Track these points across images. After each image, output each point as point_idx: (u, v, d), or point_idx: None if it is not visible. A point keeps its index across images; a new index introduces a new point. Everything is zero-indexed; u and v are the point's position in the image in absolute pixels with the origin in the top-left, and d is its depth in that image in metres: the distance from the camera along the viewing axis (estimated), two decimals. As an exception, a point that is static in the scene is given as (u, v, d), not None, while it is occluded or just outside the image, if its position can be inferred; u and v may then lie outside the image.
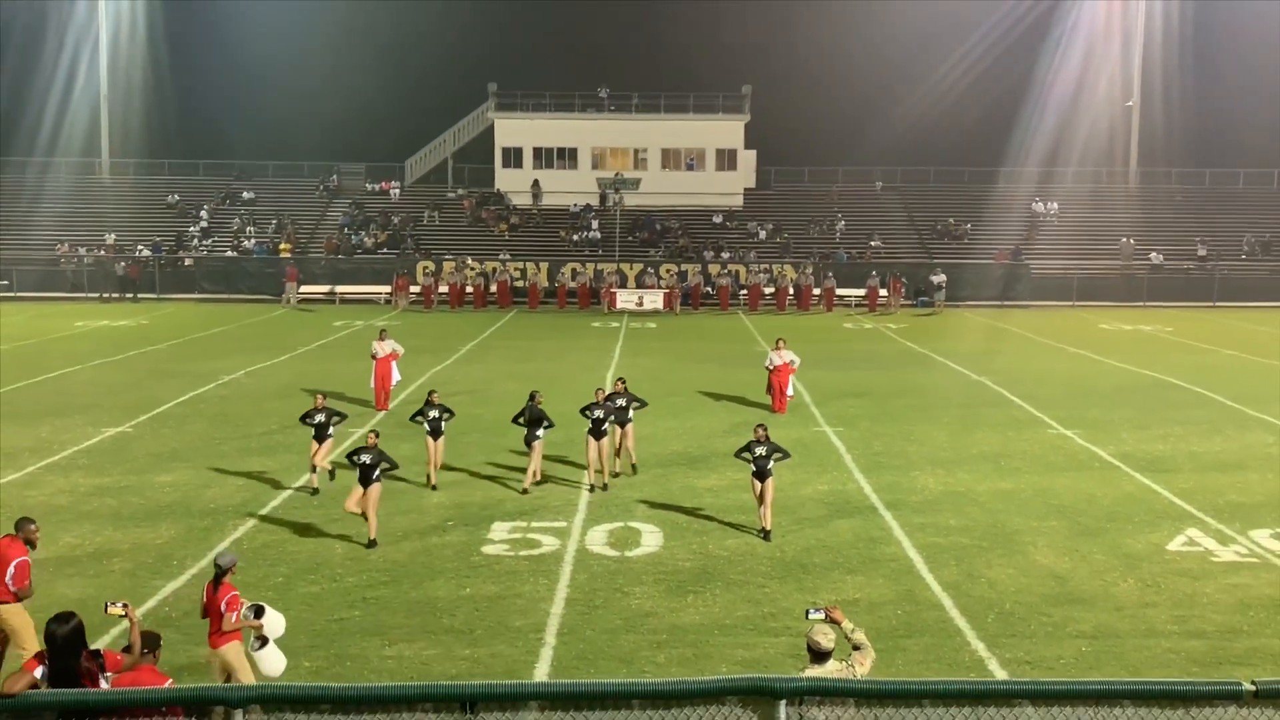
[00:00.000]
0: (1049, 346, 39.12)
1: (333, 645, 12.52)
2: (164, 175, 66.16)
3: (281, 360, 34.31)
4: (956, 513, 17.79)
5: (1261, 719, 6.23)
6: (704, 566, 15.19)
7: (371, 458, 15.93)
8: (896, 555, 15.71)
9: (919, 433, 23.84)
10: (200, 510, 17.75)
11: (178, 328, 42.88)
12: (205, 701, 6.37)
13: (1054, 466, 20.95)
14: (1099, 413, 26.06)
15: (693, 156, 64.62)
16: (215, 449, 21.94)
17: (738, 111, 64.54)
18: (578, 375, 30.02)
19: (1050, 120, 65.66)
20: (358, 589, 14.30)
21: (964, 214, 62.45)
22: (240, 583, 14.26)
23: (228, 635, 10.48)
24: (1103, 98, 66.23)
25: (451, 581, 14.59)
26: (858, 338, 42.38)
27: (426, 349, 36.30)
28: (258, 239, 59.69)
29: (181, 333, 41.06)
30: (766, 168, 67.08)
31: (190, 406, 26.51)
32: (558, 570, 14.99)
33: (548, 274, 54.74)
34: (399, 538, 16.37)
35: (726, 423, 24.72)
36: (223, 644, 10.49)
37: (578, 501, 18.36)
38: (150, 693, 6.57)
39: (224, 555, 10.78)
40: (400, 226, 61.18)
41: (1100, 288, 56.09)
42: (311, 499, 18.24)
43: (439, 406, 19.56)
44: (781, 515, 17.12)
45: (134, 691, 6.71)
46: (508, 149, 64.68)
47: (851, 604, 13.64)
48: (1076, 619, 13.36)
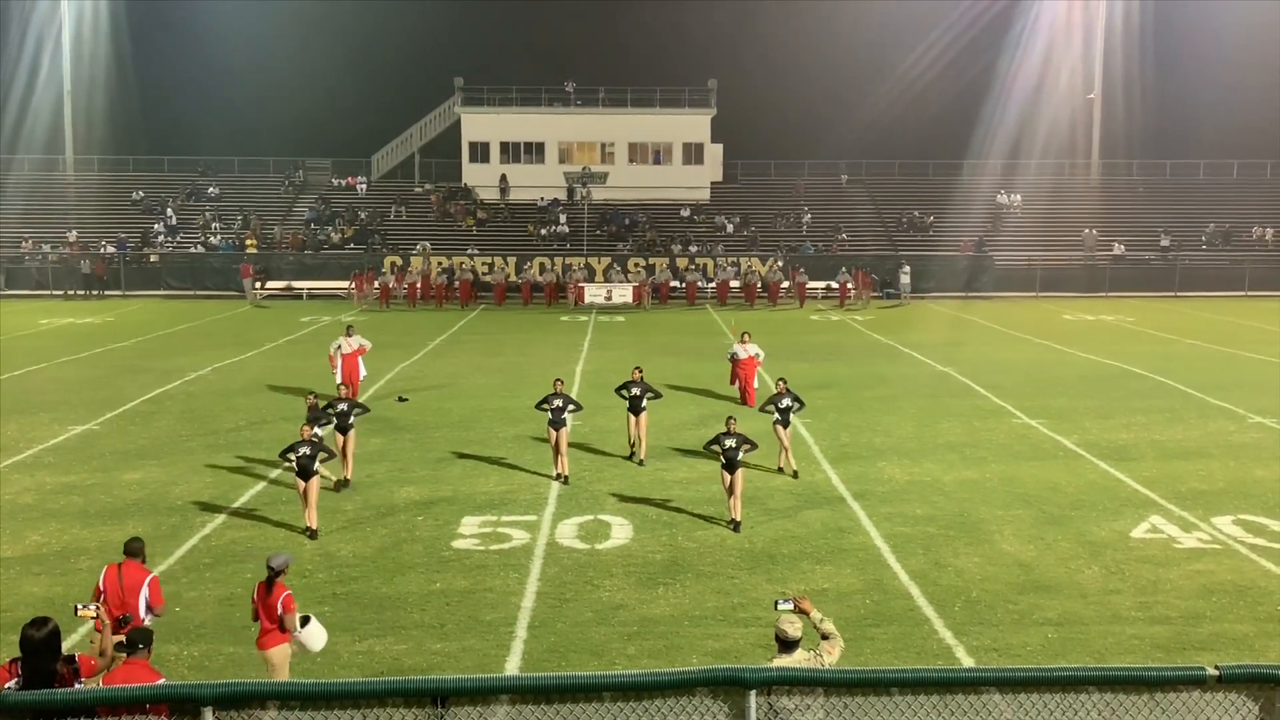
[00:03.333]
0: (1013, 337, 39.36)
1: (303, 641, 12.44)
2: (128, 172, 65.52)
3: (248, 356, 34.07)
4: (923, 502, 17.88)
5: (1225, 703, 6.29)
6: (674, 558, 15.20)
7: (309, 449, 15.88)
8: (864, 545, 15.77)
9: (886, 423, 23.94)
10: (168, 507, 17.60)
11: (143, 325, 42.48)
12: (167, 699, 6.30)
13: (1019, 456, 21.08)
14: (1063, 402, 26.25)
15: (658, 149, 64.59)
16: (182, 446, 21.76)
17: (704, 105, 64.53)
18: (548, 369, 29.96)
19: (1013, 113, 66.12)
20: (327, 585, 14.22)
21: (928, 206, 62.71)
22: (209, 580, 14.21)
23: (279, 637, 10.42)
24: (1064, 91, 66.71)
25: (422, 576, 14.53)
26: (824, 330, 42.50)
27: (394, 344, 36.13)
28: (223, 235, 59.20)
29: (147, 330, 40.68)
30: (733, 161, 67.19)
31: (157, 404, 26.27)
32: (528, 564, 14.97)
33: (515, 268, 54.47)
34: (368, 533, 16.30)
35: (695, 415, 24.74)
36: (273, 645, 10.43)
37: (548, 495, 18.33)
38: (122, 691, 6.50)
39: (276, 556, 10.67)
40: (367, 222, 60.83)
41: (1063, 279, 56.50)
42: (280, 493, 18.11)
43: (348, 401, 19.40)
44: (750, 506, 17.16)
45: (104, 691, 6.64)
46: (474, 143, 64.43)
47: (820, 594, 13.69)
48: (1042, 606, 13.45)
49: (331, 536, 16.11)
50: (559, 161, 64.52)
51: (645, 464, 20.27)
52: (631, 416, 20.50)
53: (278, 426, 23.34)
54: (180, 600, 13.61)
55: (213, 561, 15.07)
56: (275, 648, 10.44)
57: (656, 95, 64.58)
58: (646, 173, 64.03)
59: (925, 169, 67.14)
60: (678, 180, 63.67)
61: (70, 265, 54.72)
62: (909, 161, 67.61)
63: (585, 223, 60.16)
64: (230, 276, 54.81)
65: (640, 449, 20.58)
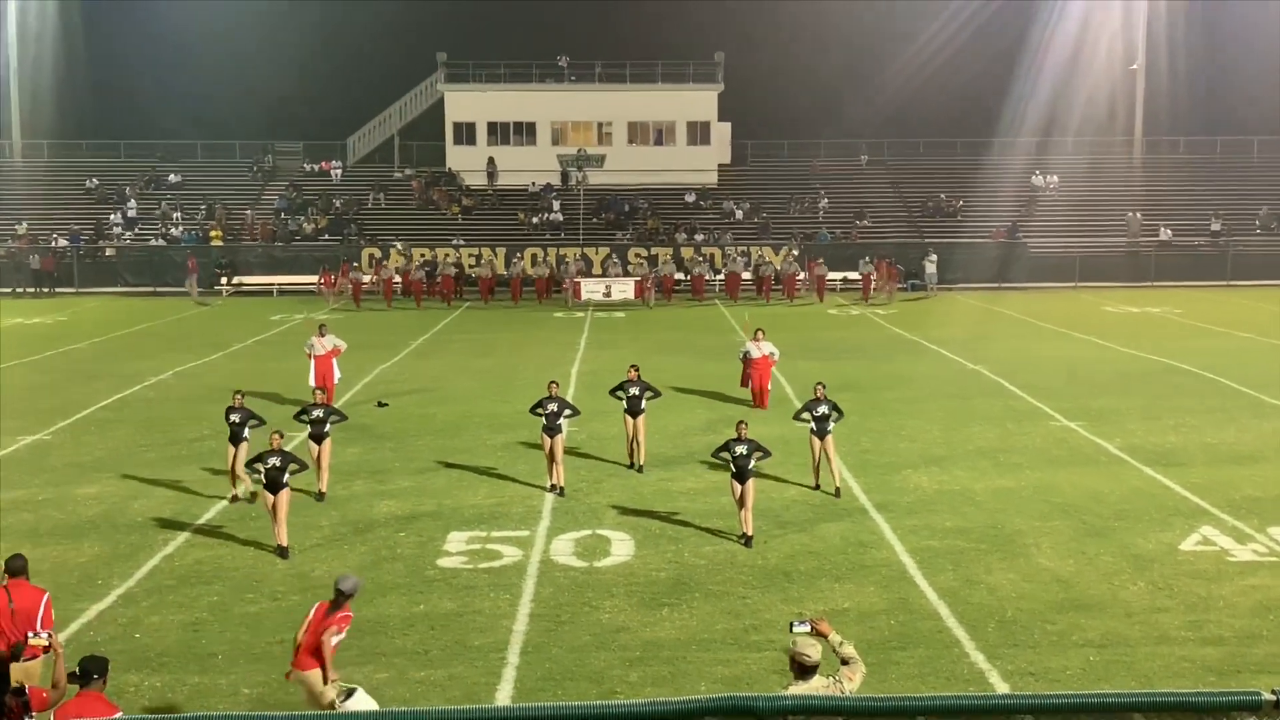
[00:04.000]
0: (1050, 331, 39.35)
1: (275, 670, 12.43)
2: (81, 158, 65.57)
3: (214, 359, 34.08)
4: (952, 513, 17.87)
5: (1282, 730, 6.28)
6: (679, 576, 15.19)
7: (279, 460, 15.90)
8: (888, 560, 15.77)
9: (910, 427, 23.93)
10: (126, 525, 17.61)
11: (99, 325, 42.51)
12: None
13: (1056, 461, 21.07)
14: (1105, 402, 26.24)
15: (660, 129, 64.59)
16: (142, 457, 21.77)
17: (710, 81, 64.56)
18: (541, 370, 29.97)
19: (1048, 86, 66.02)
20: (301, 608, 14.18)
21: (956, 189, 62.73)
22: (171, 604, 14.22)
23: (317, 659, 10.46)
24: (1105, 61, 66.62)
25: (404, 598, 14.54)
26: (843, 325, 42.50)
27: (373, 344, 36.14)
28: (185, 226, 59.24)
29: (103, 330, 40.71)
30: (742, 141, 67.18)
31: (114, 411, 26.28)
32: (520, 584, 14.97)
33: (505, 260, 54.32)
34: (344, 551, 16.30)
35: (703, 420, 24.74)
36: (310, 667, 10.48)
37: (541, 508, 18.33)
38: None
39: (346, 579, 10.73)
40: (342, 210, 60.88)
41: (1104, 267, 56.47)
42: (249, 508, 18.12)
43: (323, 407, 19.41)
44: (763, 519, 17.15)
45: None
46: (459, 124, 64.47)
47: (840, 614, 13.68)
48: (1083, 626, 13.45)
49: (305, 555, 16.12)
50: (552, 143, 64.56)
51: (645, 471, 20.32)
52: (629, 419, 20.53)
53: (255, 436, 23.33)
54: (140, 626, 13.62)
55: (176, 583, 15.07)
56: (314, 670, 10.49)
57: (658, 70, 64.62)
58: (647, 155, 64.04)
59: (953, 148, 67.12)
60: (682, 163, 63.68)
61: (18, 260, 54.77)
62: (935, 140, 67.60)
63: (581, 210, 60.20)
64: (194, 272, 54.87)
65: (639, 454, 20.61)
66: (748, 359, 25.99)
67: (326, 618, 10.54)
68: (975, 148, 66.09)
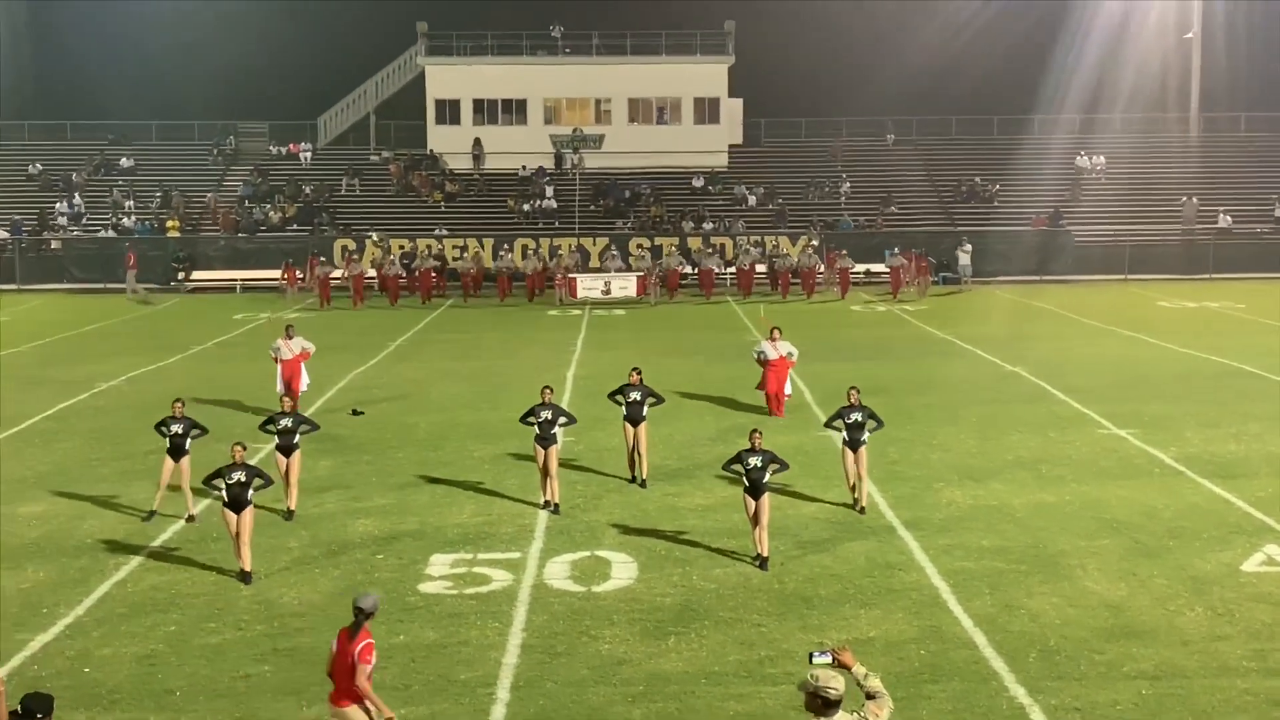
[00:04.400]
0: (1097, 329, 39.34)
1: (239, 708, 12.45)
2: (23, 140, 65.67)
3: (171, 362, 34.09)
4: (989, 531, 17.86)
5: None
6: (687, 602, 15.19)
7: (243, 475, 15.89)
8: (918, 584, 15.76)
9: (942, 436, 23.92)
10: (74, 547, 17.61)
11: (43, 325, 42.53)
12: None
13: (1105, 473, 21.06)
14: (1158, 408, 26.22)
15: (664, 106, 64.61)
16: (92, 472, 21.77)
17: (720, 52, 64.58)
18: (533, 374, 29.96)
19: (1094, 57, 65.98)
20: (267, 638, 14.23)
21: (993, 171, 62.71)
22: (124, 635, 14.22)
23: (354, 694, 10.48)
24: (1156, 28, 66.57)
25: (382, 627, 14.51)
26: (868, 322, 42.49)
27: (346, 345, 36.14)
28: (139, 215, 59.29)
29: (48, 331, 40.73)
30: (755, 120, 67.18)
31: (60, 421, 26.28)
32: (511, 611, 14.96)
33: (492, 252, 54.12)
34: (316, 576, 16.30)
35: (713, 428, 24.74)
36: (347, 704, 10.52)
37: (534, 527, 18.33)
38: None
39: (365, 597, 10.81)
40: (313, 198, 60.93)
41: (1157, 258, 56.47)
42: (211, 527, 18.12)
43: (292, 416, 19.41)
44: (779, 539, 17.14)
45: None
46: (442, 102, 64.50)
47: (865, 644, 13.67)
48: (1135, 656, 13.44)
49: (271, 580, 16.12)
50: (544, 123, 64.61)
51: (648, 485, 20.33)
52: (629, 427, 20.53)
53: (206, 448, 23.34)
54: (90, 659, 13.62)
55: (129, 612, 15.07)
56: (352, 706, 10.49)
57: (662, 41, 64.67)
58: (650, 135, 64.09)
59: (988, 126, 67.12)
60: (688, 143, 63.72)
61: (-47, 255, 54.85)
62: (968, 117, 67.58)
63: (577, 197, 60.24)
64: (149, 265, 54.87)
65: (641, 466, 20.62)
66: (764, 360, 25.86)
67: (350, 644, 10.56)
68: (1014, 126, 66.11)
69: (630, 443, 20.64)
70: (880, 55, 70.71)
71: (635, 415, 20.46)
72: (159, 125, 66.54)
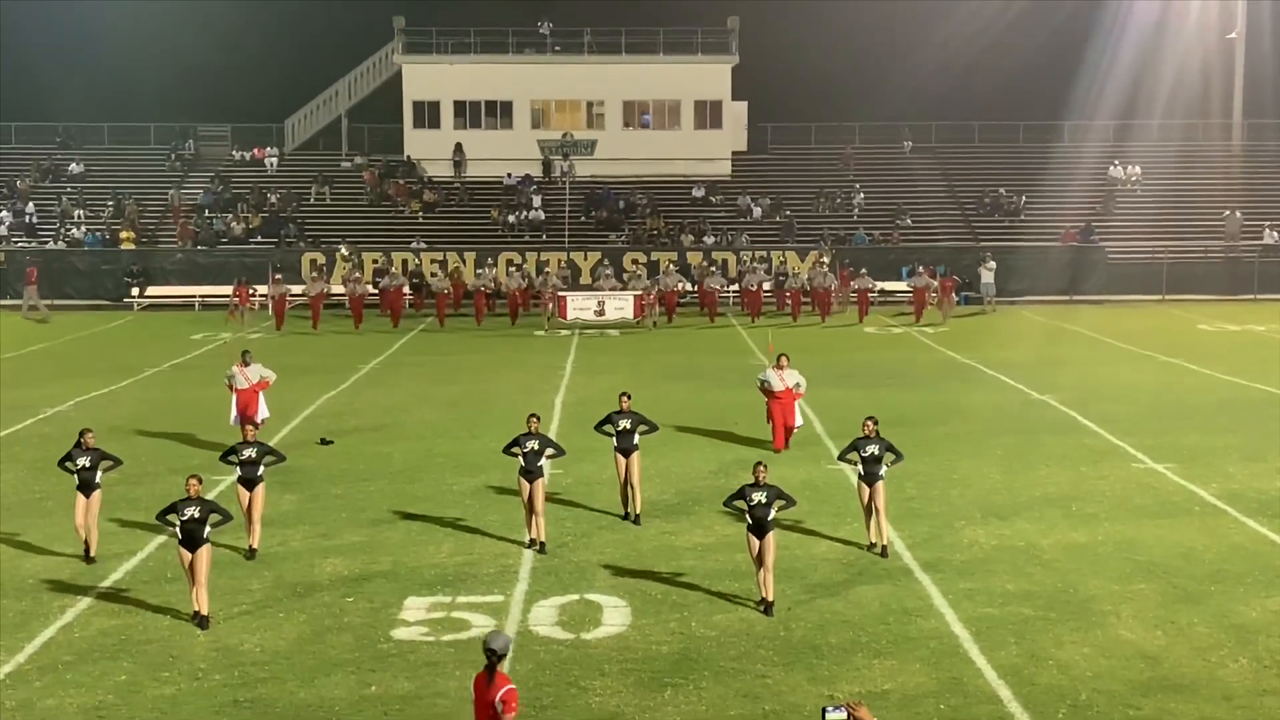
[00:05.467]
0: (1132, 353, 39.38)
1: (194, 765, 12.43)
2: (-37, 143, 65.71)
3: (122, 386, 34.08)
4: (1015, 574, 17.85)
5: None
6: (685, 651, 15.16)
7: (198, 511, 15.89)
8: (937, 631, 15.75)
9: (964, 470, 23.93)
10: (16, 588, 17.56)
11: (-16, 345, 42.54)
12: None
13: (1140, 512, 21.05)
14: (1198, 439, 26.24)
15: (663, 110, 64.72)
16: (36, 505, 21.75)
17: (723, 52, 64.81)
18: (518, 400, 29.98)
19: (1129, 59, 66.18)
20: (227, 689, 14.19)
21: (1018, 182, 62.88)
22: (70, 683, 14.18)
23: None
24: (1196, 28, 66.83)
25: (352, 676, 14.50)
26: (882, 345, 42.50)
27: (314, 368, 36.13)
28: (90, 226, 59.31)
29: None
30: (761, 125, 67.36)
31: (1, 449, 26.25)
32: (492, 659, 14.94)
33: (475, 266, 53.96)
34: (280, 620, 16.26)
35: (714, 461, 24.72)
36: None
37: (518, 568, 18.31)
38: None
39: (495, 636, 10.76)
40: (279, 207, 61.01)
41: (1197, 277, 56.56)
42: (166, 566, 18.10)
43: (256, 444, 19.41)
44: (786, 581, 17.13)
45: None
46: (420, 104, 64.67)
47: (880, 697, 13.66)
48: (1173, 711, 13.42)
49: (231, 625, 16.07)
50: (532, 126, 64.76)
51: (642, 522, 20.32)
52: (621, 459, 20.51)
53: (160, 480, 23.34)
54: (33, 711, 13.59)
55: (75, 659, 15.03)
56: None
57: (660, 39, 64.86)
58: (647, 140, 64.26)
59: (1014, 133, 67.31)
60: (688, 150, 63.89)
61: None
62: (992, 123, 67.75)
63: (567, 207, 60.31)
64: (99, 280, 54.92)
65: (635, 501, 20.61)
66: (768, 390, 25.55)
67: (488, 690, 10.47)
68: (1041, 132, 66.33)
69: (622, 475, 20.63)
70: (896, 56, 70.93)
71: (627, 445, 20.45)
72: (111, 127, 66.58)
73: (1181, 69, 66.31)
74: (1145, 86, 66.09)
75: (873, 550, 18.80)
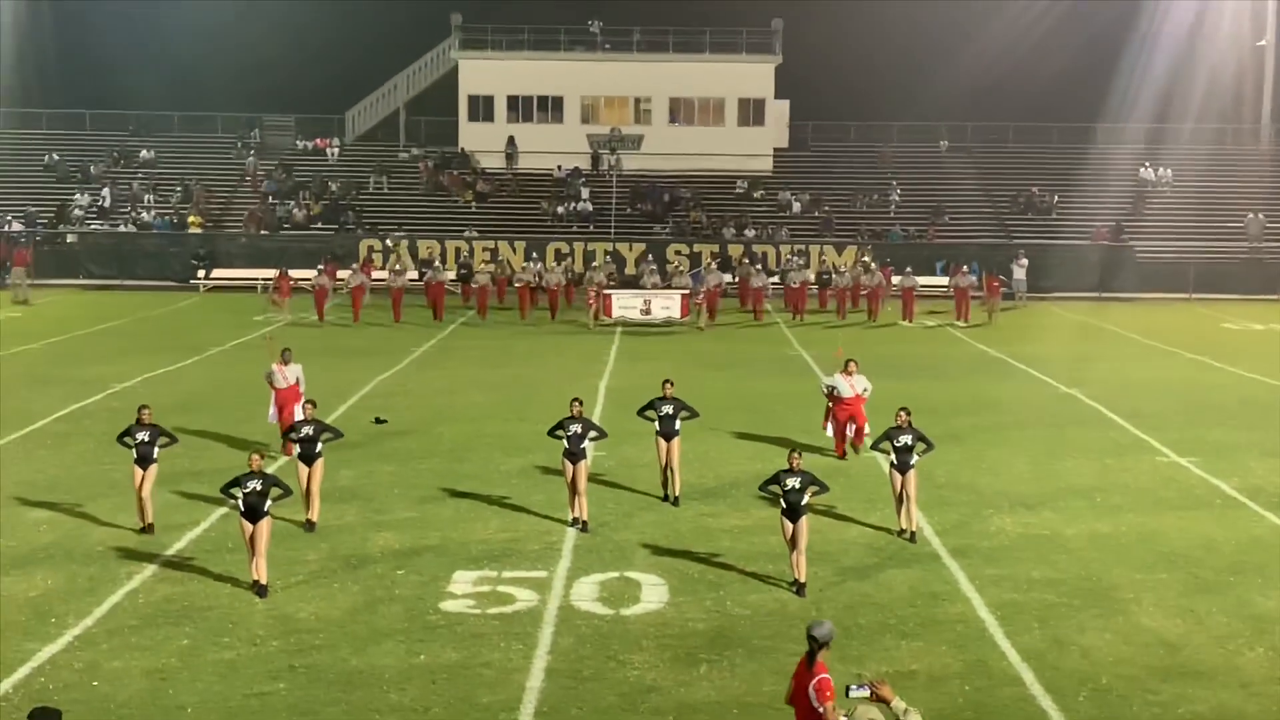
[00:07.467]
0: (1158, 350, 39.13)
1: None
2: (40, 129, 66.22)
3: (188, 364, 34.34)
4: (1040, 562, 17.80)
5: None
6: (720, 629, 15.20)
7: (260, 484, 16.03)
8: (964, 615, 15.73)
9: (992, 460, 23.86)
10: (85, 554, 17.75)
11: (57, 322, 42.91)
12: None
13: (1163, 503, 20.95)
14: (1221, 435, 26.07)
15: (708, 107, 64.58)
16: (104, 476, 21.91)
17: (766, 52, 64.67)
18: (563, 385, 30.03)
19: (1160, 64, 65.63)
20: (283, 655, 14.31)
21: (1051, 182, 62.51)
22: (135, 647, 14.34)
23: None
24: (1227, 35, 66.21)
25: (401, 646, 14.59)
26: (916, 339, 42.36)
27: (370, 350, 36.32)
28: (159, 210, 59.75)
29: (62, 329, 41.09)
30: (802, 123, 67.18)
31: (72, 422, 26.50)
32: (536, 633, 15.01)
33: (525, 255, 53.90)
34: (334, 591, 16.39)
35: (750, 447, 24.72)
36: None
37: (561, 545, 18.37)
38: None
39: (819, 624, 10.51)
40: (339, 195, 61.28)
41: (1224, 276, 56.15)
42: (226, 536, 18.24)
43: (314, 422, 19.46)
44: (818, 564, 17.14)
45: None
46: (475, 98, 64.80)
47: (906, 677, 13.65)
48: (1191, 698, 13.37)
49: (288, 594, 16.21)
50: (581, 121, 64.80)
51: (681, 504, 20.36)
52: (662, 442, 20.55)
53: (222, 454, 23.52)
54: (99, 672, 13.74)
55: (140, 624, 15.19)
56: None
57: (706, 39, 64.79)
58: (692, 136, 64.18)
59: (1047, 135, 66.87)
60: (731, 146, 63.78)
61: (-37, 247, 55.38)
62: (1026, 125, 67.34)
63: (614, 199, 60.33)
64: (166, 262, 55.38)
65: (674, 484, 20.64)
66: (835, 396, 24.06)
67: (806, 676, 10.23)
68: (1075, 134, 65.86)
69: (663, 459, 20.66)
70: (934, 58, 70.53)
71: (668, 430, 20.49)
72: (181, 116, 66.96)
73: (1212, 75, 65.73)
74: (1176, 92, 65.55)
75: (902, 536, 18.79)
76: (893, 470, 18.87)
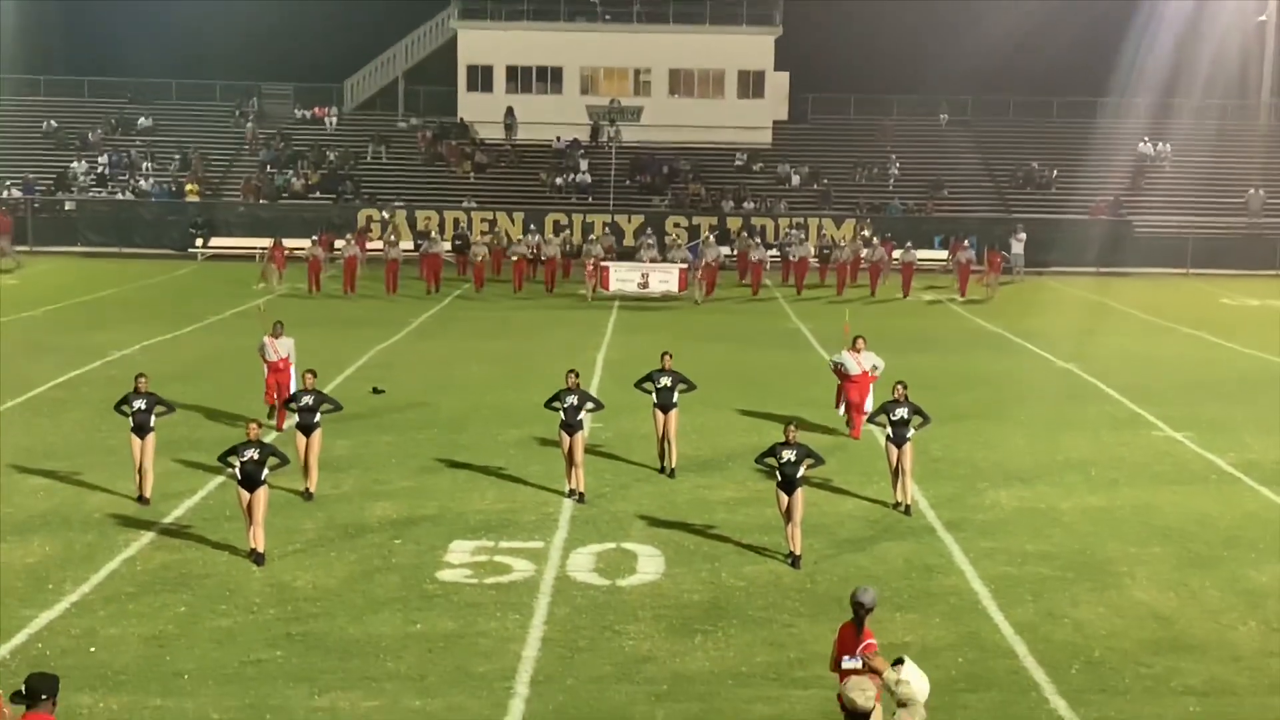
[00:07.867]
0: (1156, 325, 39.16)
1: (249, 693, 12.59)
2: (39, 96, 65.93)
3: (186, 332, 34.35)
4: (1034, 535, 17.86)
5: None
6: (715, 600, 15.26)
7: (257, 453, 16.08)
8: (958, 588, 15.79)
9: (988, 434, 23.90)
10: (82, 521, 17.80)
11: (55, 289, 42.87)
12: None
13: (1158, 478, 21.00)
14: (1217, 411, 26.10)
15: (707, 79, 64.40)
16: (101, 444, 21.95)
17: (766, 23, 64.39)
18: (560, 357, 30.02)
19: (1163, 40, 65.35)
20: (280, 622, 14.37)
21: (1051, 157, 62.37)
22: (132, 614, 14.38)
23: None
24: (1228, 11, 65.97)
25: (398, 615, 14.65)
26: (914, 313, 42.35)
27: (367, 321, 36.32)
28: (157, 178, 59.63)
29: (60, 296, 41.07)
30: (802, 95, 66.88)
31: (70, 390, 26.53)
32: (532, 603, 15.07)
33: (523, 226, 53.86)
34: (331, 559, 16.44)
35: (747, 420, 24.76)
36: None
37: (558, 516, 18.42)
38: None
39: (864, 591, 10.79)
40: (337, 164, 61.15)
41: (1222, 251, 56.13)
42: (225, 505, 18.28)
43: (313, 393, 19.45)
44: (813, 536, 17.19)
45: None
46: (474, 68, 64.55)
47: (901, 649, 13.69)
48: (1183, 671, 13.44)
49: (285, 562, 16.27)
50: (580, 92, 64.58)
51: (678, 475, 20.42)
52: (659, 414, 20.59)
53: (221, 423, 23.56)
54: (97, 639, 13.80)
55: (137, 591, 15.25)
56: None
57: (705, 9, 64.46)
58: (691, 108, 63.94)
59: (1048, 109, 66.66)
60: (731, 118, 63.56)
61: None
62: (1027, 99, 67.09)
63: (612, 171, 60.20)
64: (165, 230, 55.27)
65: (671, 456, 20.69)
66: (843, 373, 23.86)
67: (854, 642, 10.49)
68: (1075, 109, 65.67)
69: (660, 431, 20.70)
70: (936, 31, 70.28)
71: (666, 402, 20.52)
72: (180, 84, 66.65)
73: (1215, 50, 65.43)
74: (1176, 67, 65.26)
75: (898, 509, 18.84)
76: (888, 444, 18.92)
